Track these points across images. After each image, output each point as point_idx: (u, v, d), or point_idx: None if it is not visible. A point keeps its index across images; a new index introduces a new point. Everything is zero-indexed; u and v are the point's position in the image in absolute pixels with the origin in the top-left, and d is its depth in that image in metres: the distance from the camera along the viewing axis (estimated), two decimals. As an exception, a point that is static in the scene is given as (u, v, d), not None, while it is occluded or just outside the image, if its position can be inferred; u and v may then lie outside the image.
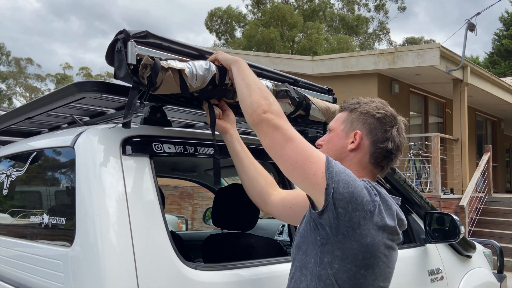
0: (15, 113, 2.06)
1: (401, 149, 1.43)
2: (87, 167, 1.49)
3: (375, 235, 1.22)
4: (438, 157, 8.22)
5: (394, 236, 1.28)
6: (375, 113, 1.40)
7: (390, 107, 1.47)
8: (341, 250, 1.22)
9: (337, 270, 1.23)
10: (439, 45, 8.40)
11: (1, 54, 35.01)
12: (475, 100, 10.87)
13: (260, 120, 1.36)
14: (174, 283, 1.41)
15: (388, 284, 1.33)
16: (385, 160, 1.40)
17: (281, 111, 1.41)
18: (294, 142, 1.30)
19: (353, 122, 1.42)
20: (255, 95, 1.42)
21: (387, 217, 1.24)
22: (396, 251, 1.33)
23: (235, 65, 1.55)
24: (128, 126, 1.54)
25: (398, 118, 1.45)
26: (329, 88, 2.28)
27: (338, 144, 1.41)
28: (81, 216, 1.44)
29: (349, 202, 1.20)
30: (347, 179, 1.22)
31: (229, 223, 2.31)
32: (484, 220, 8.48)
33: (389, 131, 1.39)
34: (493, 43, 25.97)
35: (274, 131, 1.34)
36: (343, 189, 1.20)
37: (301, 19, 24.87)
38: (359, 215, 1.20)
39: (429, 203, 2.63)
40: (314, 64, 9.88)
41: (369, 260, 1.22)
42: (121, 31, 1.46)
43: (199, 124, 2.45)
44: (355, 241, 1.21)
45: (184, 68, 1.52)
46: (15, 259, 1.82)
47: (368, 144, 1.38)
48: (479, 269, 2.96)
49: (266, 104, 1.39)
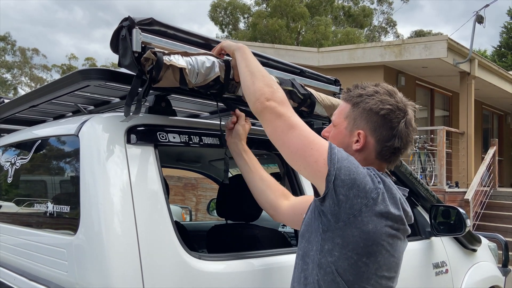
0: (19, 101, 2.05)
1: (411, 142, 1.36)
2: (91, 155, 1.48)
3: (377, 222, 1.19)
4: (444, 150, 8.17)
5: (399, 225, 1.25)
6: (379, 109, 1.30)
7: (396, 95, 1.35)
8: (341, 237, 1.20)
9: (337, 258, 1.21)
10: (447, 37, 8.31)
11: (6, 44, 35.05)
12: (482, 93, 10.77)
13: (263, 108, 1.35)
14: (178, 273, 1.41)
15: (394, 274, 1.30)
16: (393, 156, 1.34)
17: (285, 98, 1.38)
18: (296, 129, 1.29)
19: (356, 120, 1.33)
20: (258, 83, 1.40)
21: (391, 205, 1.21)
22: (403, 241, 1.30)
23: (239, 52, 1.53)
24: (128, 114, 1.49)
25: (406, 108, 1.34)
26: (335, 79, 2.26)
27: (343, 142, 1.35)
28: (85, 204, 1.43)
29: (351, 189, 1.18)
30: (350, 165, 1.20)
31: (233, 213, 2.30)
32: (489, 214, 8.45)
33: (395, 128, 1.30)
34: (501, 36, 25.70)
35: (276, 119, 1.32)
36: (345, 175, 1.18)
37: (307, 10, 24.65)
38: (361, 202, 1.18)
39: (435, 196, 2.61)
40: (320, 56, 9.82)
41: (371, 247, 1.20)
42: (126, 18, 1.44)
43: (204, 114, 2.44)
44: (356, 228, 1.18)
45: (186, 67, 1.49)
46: (19, 247, 1.82)
47: (373, 142, 1.32)
48: (484, 263, 2.95)
49: (269, 92, 1.37)
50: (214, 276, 1.48)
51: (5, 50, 35.13)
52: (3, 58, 35.26)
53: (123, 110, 1.46)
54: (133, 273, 1.32)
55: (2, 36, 34.52)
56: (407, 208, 1.30)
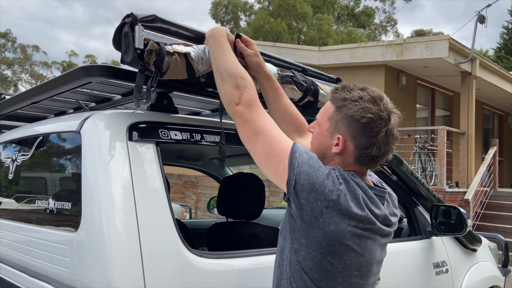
0: (21, 98, 2.05)
1: (391, 151, 1.34)
2: (93, 152, 1.48)
3: (339, 222, 1.21)
4: (444, 150, 8.16)
5: (365, 225, 1.25)
6: (360, 117, 1.27)
7: (381, 102, 1.30)
8: (305, 238, 1.23)
9: (303, 257, 1.25)
10: (449, 37, 8.29)
11: (7, 41, 35.02)
12: (482, 93, 10.76)
13: (233, 113, 1.38)
14: (179, 270, 1.41)
15: (366, 273, 1.30)
16: (372, 162, 1.33)
17: (253, 97, 1.37)
18: (260, 135, 1.31)
19: (337, 123, 1.32)
20: (227, 85, 1.40)
21: (353, 206, 1.22)
22: (374, 240, 1.29)
23: (208, 42, 1.52)
24: (138, 105, 1.50)
25: (390, 116, 1.30)
26: (337, 78, 2.25)
27: (323, 143, 1.35)
28: (86, 201, 1.43)
29: (310, 193, 1.20)
30: (309, 170, 1.22)
31: (234, 212, 2.30)
32: (489, 214, 8.45)
33: (375, 137, 1.28)
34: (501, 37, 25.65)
35: (243, 124, 1.35)
36: (304, 180, 1.21)
37: (310, 10, 24.59)
38: (321, 204, 1.20)
39: (435, 196, 2.61)
40: (321, 54, 9.81)
41: (334, 247, 1.22)
42: (129, 15, 1.44)
43: (205, 112, 2.43)
44: (318, 229, 1.21)
45: (190, 52, 1.50)
46: (20, 243, 1.82)
47: (352, 148, 1.30)
48: (484, 263, 2.94)
49: (237, 95, 1.37)
50: (215, 273, 1.48)
51: (5, 46, 35.10)
52: (4, 54, 35.24)
53: (130, 104, 1.45)
54: (135, 270, 1.32)
55: (3, 33, 34.49)
56: (375, 209, 1.27)
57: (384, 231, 1.32)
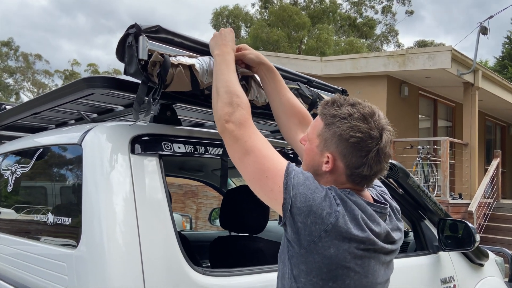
0: (22, 108, 2.02)
1: (383, 170, 1.28)
2: (94, 165, 1.44)
3: (339, 245, 1.15)
4: (447, 161, 8.11)
5: (367, 246, 1.20)
6: (349, 137, 1.21)
7: (372, 119, 1.23)
8: (305, 264, 1.18)
9: (304, 284, 1.19)
10: (451, 48, 8.29)
11: (9, 49, 35.19)
12: (485, 104, 10.74)
13: (223, 130, 1.31)
14: (182, 289, 1.36)
15: None
16: (364, 180, 1.28)
17: (245, 117, 1.31)
18: (251, 155, 1.25)
19: (326, 141, 1.26)
20: (221, 102, 1.35)
21: (353, 227, 1.17)
22: (377, 259, 1.24)
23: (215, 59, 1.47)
24: (137, 117, 1.46)
25: (382, 132, 1.24)
26: (343, 89, 2.22)
27: (314, 160, 1.30)
28: (87, 216, 1.39)
29: (308, 216, 1.15)
30: (305, 192, 1.17)
31: (237, 225, 2.25)
32: (492, 226, 8.37)
33: (365, 157, 1.22)
34: (504, 47, 25.71)
35: (234, 143, 1.29)
36: (301, 203, 1.15)
37: (309, 20, 24.72)
38: (319, 228, 1.15)
39: (442, 210, 2.56)
40: (323, 64, 9.81)
41: (336, 271, 1.16)
42: (133, 25, 1.41)
43: (208, 123, 2.40)
44: (318, 254, 1.15)
45: (195, 64, 1.47)
46: (18, 258, 1.77)
47: (343, 167, 1.24)
48: (491, 278, 2.89)
49: (228, 112, 1.31)
50: (219, 292, 1.43)
51: (8, 55, 35.26)
52: (6, 63, 35.39)
53: (132, 116, 1.42)
54: (136, 289, 1.28)
55: (5, 42, 34.67)
56: (375, 227, 1.22)
57: (387, 249, 1.26)
